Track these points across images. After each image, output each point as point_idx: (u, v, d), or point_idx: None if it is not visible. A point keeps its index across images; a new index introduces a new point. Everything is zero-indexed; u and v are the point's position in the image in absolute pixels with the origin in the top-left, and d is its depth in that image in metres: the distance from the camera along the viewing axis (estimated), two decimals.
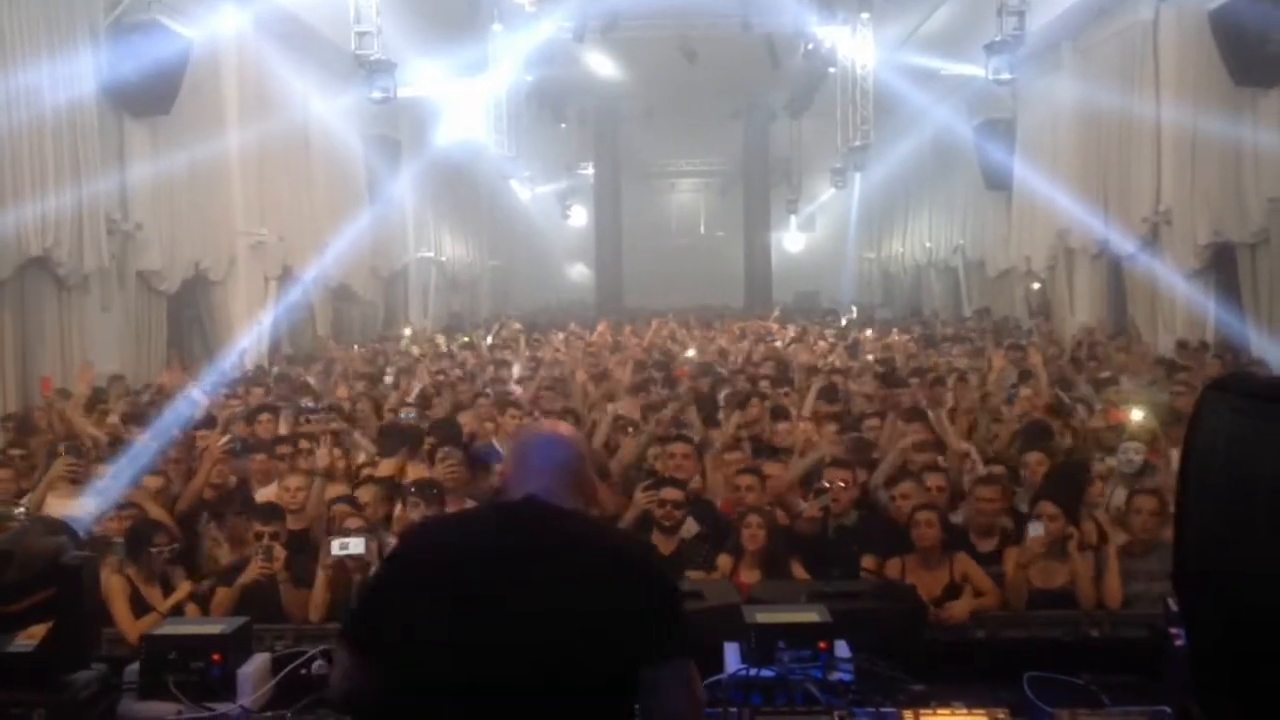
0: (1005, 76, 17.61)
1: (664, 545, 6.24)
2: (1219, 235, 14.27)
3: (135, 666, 3.82)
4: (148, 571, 6.02)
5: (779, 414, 9.17)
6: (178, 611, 5.80)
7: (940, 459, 7.64)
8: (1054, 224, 19.34)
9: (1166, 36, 15.76)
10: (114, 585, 5.82)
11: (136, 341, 14.68)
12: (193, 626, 4.20)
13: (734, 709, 3.59)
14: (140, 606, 5.85)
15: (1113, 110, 17.09)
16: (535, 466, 2.83)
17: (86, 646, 3.78)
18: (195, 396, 10.68)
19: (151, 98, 14.18)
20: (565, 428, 3.22)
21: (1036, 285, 21.20)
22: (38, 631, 3.60)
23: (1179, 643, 3.58)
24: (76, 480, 7.39)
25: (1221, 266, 14.73)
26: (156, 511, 6.87)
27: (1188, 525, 2.21)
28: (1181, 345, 14.17)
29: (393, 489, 7.04)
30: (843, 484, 6.77)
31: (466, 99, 23.90)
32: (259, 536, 6.08)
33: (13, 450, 8.82)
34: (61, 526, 4.37)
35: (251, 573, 5.86)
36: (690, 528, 6.53)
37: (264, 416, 9.77)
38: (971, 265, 25.31)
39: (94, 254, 13.20)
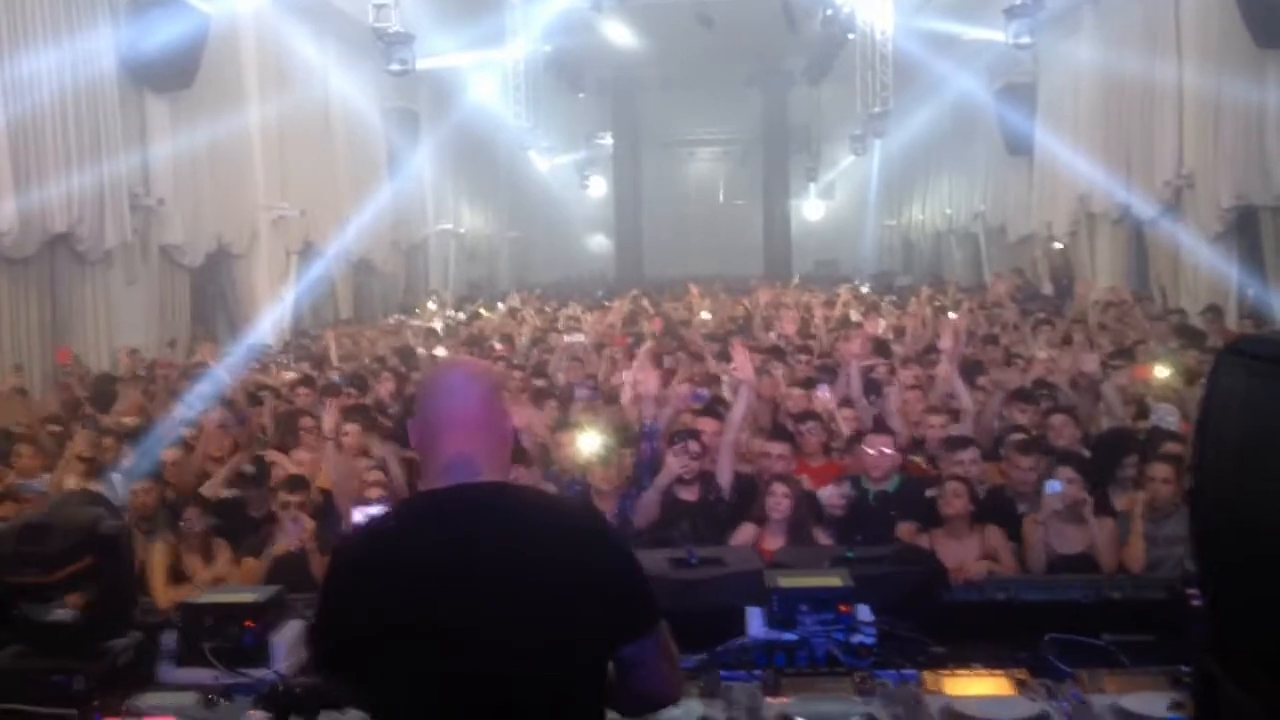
0: (1026, 40, 17.50)
1: (688, 494, 6.30)
2: (1242, 199, 14.15)
3: (172, 634, 3.90)
4: (190, 542, 6.13)
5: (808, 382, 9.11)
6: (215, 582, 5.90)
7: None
8: (1075, 189, 19.20)
9: None
10: (156, 554, 5.93)
11: (161, 316, 14.83)
12: (227, 595, 4.27)
13: (758, 671, 3.66)
14: (179, 577, 5.96)
15: (1134, 73, 16.91)
16: (462, 426, 2.51)
17: (124, 614, 3.87)
18: (221, 373, 10.77)
19: (172, 73, 14.29)
20: (475, 366, 2.87)
21: (1059, 245, 21.04)
22: (77, 600, 3.69)
23: (1197, 603, 3.61)
24: (96, 457, 7.49)
25: (1244, 230, 14.64)
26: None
27: (1204, 485, 2.25)
28: (1213, 310, 14.02)
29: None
30: (885, 450, 6.73)
31: (484, 70, 23.91)
32: (285, 506, 6.14)
33: (51, 426, 8.86)
34: (98, 498, 4.46)
35: (281, 544, 5.95)
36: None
37: (302, 390, 9.90)
38: (992, 231, 25.17)
39: (117, 229, 13.33)
